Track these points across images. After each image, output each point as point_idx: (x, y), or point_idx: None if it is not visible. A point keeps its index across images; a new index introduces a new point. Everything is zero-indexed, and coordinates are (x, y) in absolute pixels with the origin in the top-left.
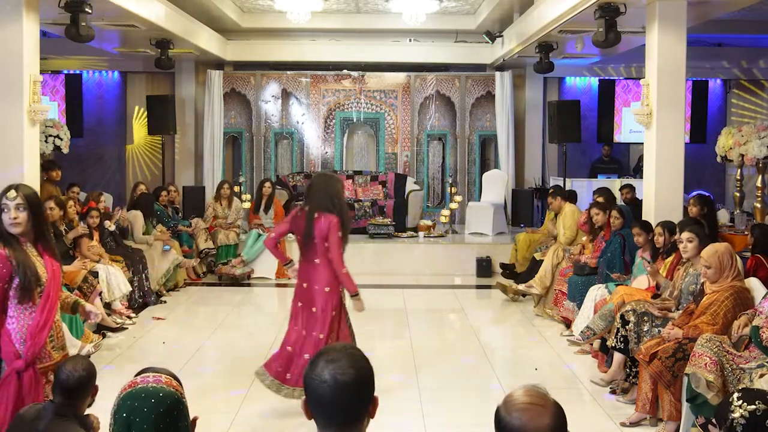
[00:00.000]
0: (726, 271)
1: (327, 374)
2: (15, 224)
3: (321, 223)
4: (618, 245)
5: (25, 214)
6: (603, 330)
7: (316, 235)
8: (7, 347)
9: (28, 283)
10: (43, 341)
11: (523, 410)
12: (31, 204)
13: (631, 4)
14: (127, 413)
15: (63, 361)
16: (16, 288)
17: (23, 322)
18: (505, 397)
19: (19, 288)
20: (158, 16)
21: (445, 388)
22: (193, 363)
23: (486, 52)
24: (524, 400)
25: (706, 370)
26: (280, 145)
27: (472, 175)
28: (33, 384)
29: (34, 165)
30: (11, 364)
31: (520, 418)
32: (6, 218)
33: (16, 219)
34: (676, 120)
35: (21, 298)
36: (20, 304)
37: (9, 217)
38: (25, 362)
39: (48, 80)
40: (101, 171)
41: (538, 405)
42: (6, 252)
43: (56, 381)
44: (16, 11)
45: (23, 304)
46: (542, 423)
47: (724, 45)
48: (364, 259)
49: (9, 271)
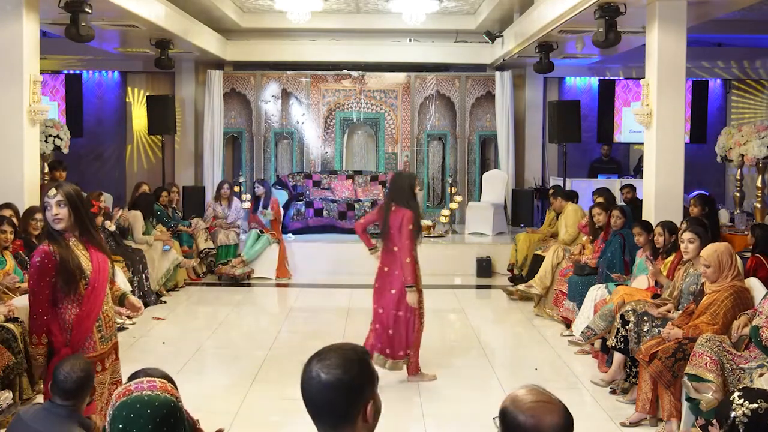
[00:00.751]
0: (725, 271)
1: (314, 371)
2: (57, 220)
3: (396, 215)
4: (618, 245)
5: (65, 210)
6: (603, 330)
7: (391, 225)
8: (56, 336)
9: (72, 276)
10: (89, 330)
11: (534, 409)
12: (71, 201)
13: (631, 4)
14: (123, 424)
15: (61, 362)
16: (62, 281)
17: (70, 313)
18: (509, 397)
19: (63, 282)
20: (158, 16)
21: (445, 388)
22: (193, 363)
23: (486, 52)
24: (534, 399)
25: (706, 370)
26: (280, 145)
27: (472, 175)
28: None
29: (34, 165)
30: (60, 351)
31: (534, 416)
32: (49, 215)
33: (58, 215)
34: (676, 120)
35: (66, 290)
36: (66, 295)
37: (51, 214)
38: (72, 350)
39: (48, 80)
40: (101, 171)
41: (548, 403)
42: (50, 248)
43: (54, 382)
44: (16, 11)
45: (69, 296)
46: (554, 420)
47: (724, 45)
48: (364, 259)
49: (54, 266)
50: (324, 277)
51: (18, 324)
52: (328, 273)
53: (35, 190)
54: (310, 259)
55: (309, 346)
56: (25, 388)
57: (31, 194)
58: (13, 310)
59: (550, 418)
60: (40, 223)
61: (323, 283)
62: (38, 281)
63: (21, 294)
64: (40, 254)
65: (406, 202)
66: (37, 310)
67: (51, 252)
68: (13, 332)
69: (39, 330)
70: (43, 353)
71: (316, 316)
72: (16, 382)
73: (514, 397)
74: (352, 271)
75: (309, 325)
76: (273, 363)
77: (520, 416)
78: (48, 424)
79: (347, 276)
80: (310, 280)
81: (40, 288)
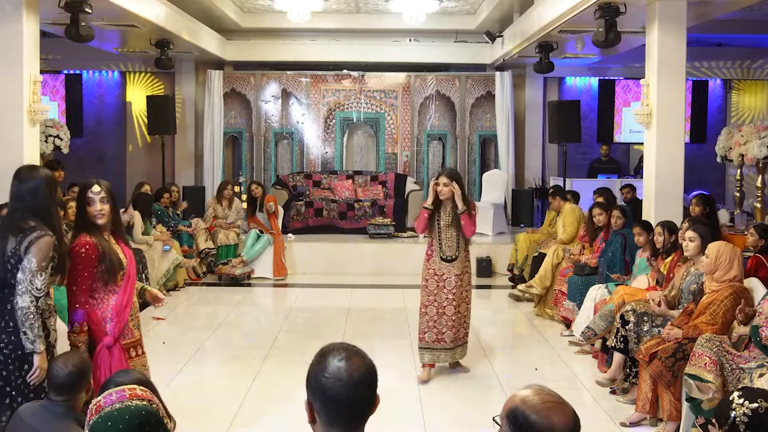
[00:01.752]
0: (720, 270)
1: (342, 371)
2: (100, 216)
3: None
4: (619, 245)
5: (108, 206)
6: (604, 330)
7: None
8: (97, 326)
9: (113, 267)
10: (126, 319)
11: (547, 408)
12: (112, 197)
13: (631, 4)
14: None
15: (56, 357)
16: (102, 272)
17: (108, 303)
18: (518, 398)
19: (105, 272)
20: (158, 16)
21: (445, 388)
22: (193, 363)
23: (486, 52)
24: (545, 399)
25: (706, 370)
26: (280, 145)
27: (472, 175)
28: (120, 358)
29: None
30: (101, 341)
31: (548, 416)
32: (93, 210)
33: (101, 211)
34: (676, 120)
35: (107, 280)
36: (105, 286)
37: (96, 210)
38: (113, 338)
39: (48, 80)
40: (101, 171)
41: (559, 403)
42: (93, 239)
43: (48, 377)
44: (16, 11)
45: (108, 286)
46: (567, 420)
47: (724, 45)
48: (364, 259)
49: (97, 256)
50: (324, 277)
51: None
52: (328, 273)
53: None
54: (310, 259)
55: (309, 346)
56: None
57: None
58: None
59: (563, 419)
60: None
61: (323, 283)
62: (82, 271)
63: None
64: (84, 245)
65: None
66: (80, 299)
67: (94, 243)
68: None
69: (81, 318)
70: (84, 341)
71: (316, 316)
72: None
73: (524, 397)
74: (352, 271)
75: (309, 325)
76: (273, 363)
77: (532, 416)
78: (45, 422)
79: (347, 276)
80: (310, 280)
81: (84, 278)
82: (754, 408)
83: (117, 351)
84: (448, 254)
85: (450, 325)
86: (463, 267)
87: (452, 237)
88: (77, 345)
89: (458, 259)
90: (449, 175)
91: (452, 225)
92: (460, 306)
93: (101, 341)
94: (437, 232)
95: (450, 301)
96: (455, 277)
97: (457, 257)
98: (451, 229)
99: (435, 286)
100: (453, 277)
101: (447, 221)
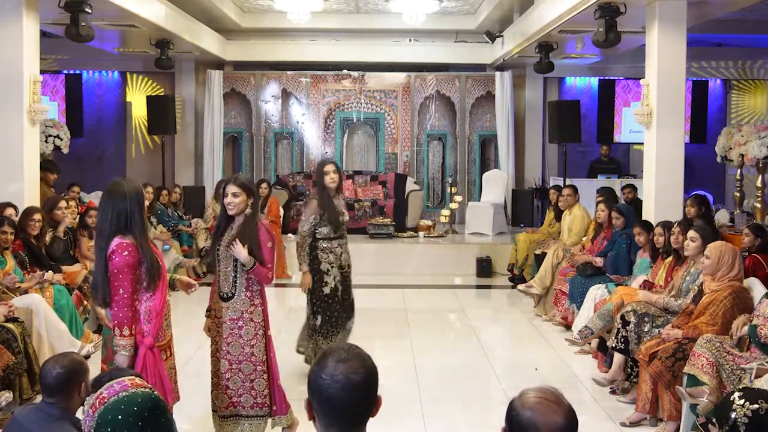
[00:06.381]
0: (722, 270)
1: (338, 373)
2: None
3: None
4: (624, 245)
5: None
6: (601, 329)
7: None
8: (139, 327)
9: (154, 269)
10: (162, 320)
11: (535, 404)
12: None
13: (631, 4)
14: (112, 429)
15: (48, 359)
16: (143, 274)
17: (146, 305)
18: (521, 392)
19: (146, 274)
20: (158, 16)
21: (445, 388)
22: (194, 363)
23: (486, 52)
24: (538, 396)
25: (702, 371)
26: (280, 145)
27: (472, 175)
28: (159, 359)
29: (34, 165)
30: (142, 342)
31: (532, 412)
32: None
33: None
34: (676, 120)
35: (149, 283)
36: (143, 288)
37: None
38: (153, 339)
39: (48, 80)
40: (101, 171)
41: (552, 402)
42: (133, 241)
43: (39, 378)
44: (16, 11)
45: (144, 288)
46: (554, 420)
47: (724, 45)
48: (364, 259)
49: (138, 259)
50: None
51: (18, 324)
52: None
53: (35, 190)
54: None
55: None
56: (26, 388)
57: (31, 194)
58: (13, 310)
59: (550, 417)
60: (39, 224)
61: None
62: (127, 274)
63: (21, 294)
64: (126, 248)
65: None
66: (128, 302)
67: (135, 245)
68: (13, 332)
69: (130, 322)
70: (132, 344)
71: None
72: (16, 382)
73: (524, 392)
74: (352, 271)
75: None
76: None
77: (526, 413)
78: (40, 425)
79: None
80: None
81: (130, 281)
82: (754, 409)
83: (157, 352)
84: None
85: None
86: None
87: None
88: (127, 348)
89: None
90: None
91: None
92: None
93: (142, 343)
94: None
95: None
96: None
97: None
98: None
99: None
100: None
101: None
